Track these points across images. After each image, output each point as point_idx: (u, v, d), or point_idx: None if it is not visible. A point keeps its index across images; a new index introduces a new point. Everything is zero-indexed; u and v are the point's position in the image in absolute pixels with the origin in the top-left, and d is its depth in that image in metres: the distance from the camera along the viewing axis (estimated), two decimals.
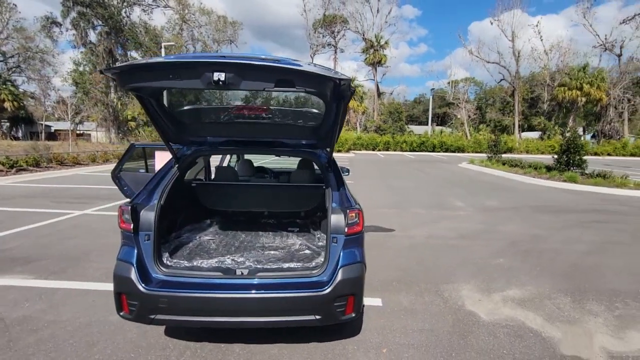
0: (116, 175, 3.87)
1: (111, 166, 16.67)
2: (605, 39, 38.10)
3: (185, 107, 2.58)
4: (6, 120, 45.51)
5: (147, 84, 1.96)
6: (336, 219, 2.46)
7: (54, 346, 2.66)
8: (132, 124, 41.67)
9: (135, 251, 2.34)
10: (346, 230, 2.40)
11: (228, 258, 2.68)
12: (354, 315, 2.38)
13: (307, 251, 2.96)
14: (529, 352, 2.71)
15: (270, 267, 2.55)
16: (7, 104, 38.74)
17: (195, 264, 2.57)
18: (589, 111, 40.03)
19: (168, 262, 2.54)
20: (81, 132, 49.39)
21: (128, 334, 2.81)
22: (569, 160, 14.27)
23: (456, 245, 5.35)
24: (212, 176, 4.68)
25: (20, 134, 47.53)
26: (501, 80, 43.06)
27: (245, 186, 3.65)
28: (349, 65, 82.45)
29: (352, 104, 37.82)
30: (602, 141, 36.16)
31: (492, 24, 40.12)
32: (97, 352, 2.60)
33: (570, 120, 36.75)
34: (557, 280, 4.12)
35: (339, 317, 2.32)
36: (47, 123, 51.28)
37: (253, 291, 2.22)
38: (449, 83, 54.06)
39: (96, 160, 17.49)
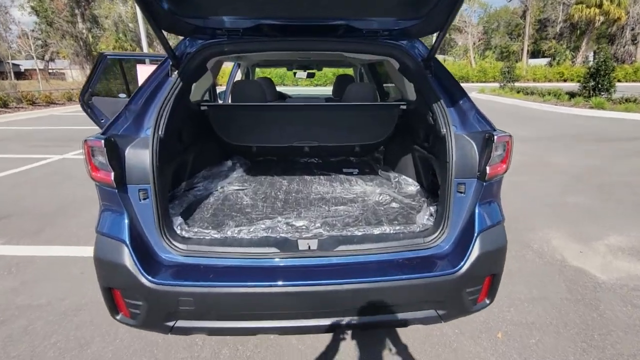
0: (86, 102, 2.73)
1: None
2: None
3: None
4: None
5: None
6: (464, 151, 1.49)
7: (29, 349, 1.84)
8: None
9: (126, 219, 1.39)
10: (487, 170, 1.44)
11: (280, 221, 1.74)
12: (488, 302, 1.54)
13: (393, 204, 2.01)
14: None
15: (351, 233, 1.63)
16: None
17: (229, 233, 1.62)
18: (602, 33, 37.31)
19: (184, 232, 1.60)
20: (54, 70, 45.19)
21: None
22: (596, 84, 13.05)
23: (514, 182, 4.49)
24: (219, 99, 3.54)
25: None
26: None
27: (282, 109, 2.55)
28: None
29: None
30: (615, 66, 34.29)
31: None
32: (93, 356, 1.79)
33: (584, 44, 34.23)
34: None
35: (469, 308, 1.48)
36: (15, 62, 46.51)
37: (336, 279, 1.34)
38: None
39: (73, 99, 15.69)
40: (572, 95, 14.02)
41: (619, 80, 31.23)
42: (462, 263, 1.37)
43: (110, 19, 32.64)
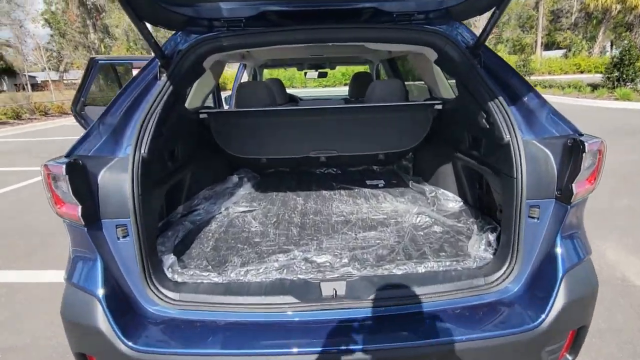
0: (78, 112, 2.48)
1: None
2: None
3: None
4: None
5: None
6: (537, 164, 1.15)
7: None
8: (121, 68, 38.39)
9: (99, 265, 1.10)
10: (573, 189, 1.08)
11: (296, 256, 1.40)
12: (570, 359, 1.19)
13: (435, 228, 1.65)
14: None
15: (389, 272, 1.28)
16: None
17: (233, 275, 1.30)
18: (619, 22, 35.96)
19: (177, 275, 1.29)
20: (68, 81, 46.18)
21: None
22: (621, 75, 12.36)
23: None
24: (226, 104, 3.23)
25: (4, 87, 44.37)
26: None
27: (295, 114, 2.18)
28: None
29: None
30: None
31: None
32: None
33: (600, 33, 33.03)
34: None
35: None
36: (32, 73, 47.70)
37: (374, 341, 1.00)
38: None
39: None
40: (594, 87, 13.34)
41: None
42: (543, 315, 1.02)
43: (121, 28, 33.21)
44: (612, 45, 38.07)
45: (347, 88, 3.67)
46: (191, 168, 1.94)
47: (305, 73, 4.27)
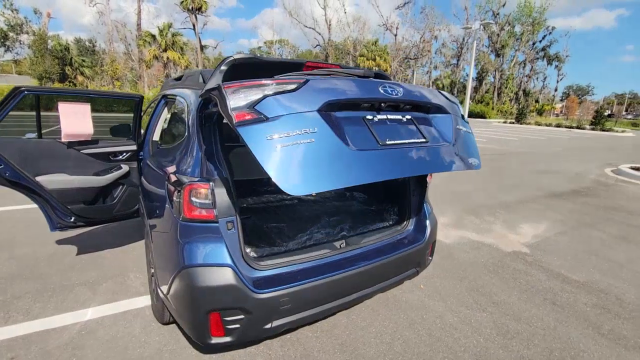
0: None
1: None
2: (387, 20, 48.00)
3: None
4: None
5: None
6: None
7: None
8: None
9: (225, 246, 1.73)
10: (428, 180, 2.50)
11: (313, 231, 2.43)
12: (430, 259, 2.60)
13: (361, 207, 3.00)
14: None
15: (361, 231, 2.44)
16: None
17: (291, 244, 2.22)
18: None
19: (252, 252, 2.09)
20: None
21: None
22: None
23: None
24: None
25: None
26: (317, 45, 47.71)
27: None
28: (149, 8, 68.46)
29: (172, 55, 33.01)
30: None
31: None
32: None
33: None
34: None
35: (427, 263, 2.51)
36: None
37: (370, 261, 2.08)
38: (265, 43, 55.56)
39: None
40: None
41: None
42: (425, 237, 2.41)
43: None
44: None
45: None
46: None
47: None
